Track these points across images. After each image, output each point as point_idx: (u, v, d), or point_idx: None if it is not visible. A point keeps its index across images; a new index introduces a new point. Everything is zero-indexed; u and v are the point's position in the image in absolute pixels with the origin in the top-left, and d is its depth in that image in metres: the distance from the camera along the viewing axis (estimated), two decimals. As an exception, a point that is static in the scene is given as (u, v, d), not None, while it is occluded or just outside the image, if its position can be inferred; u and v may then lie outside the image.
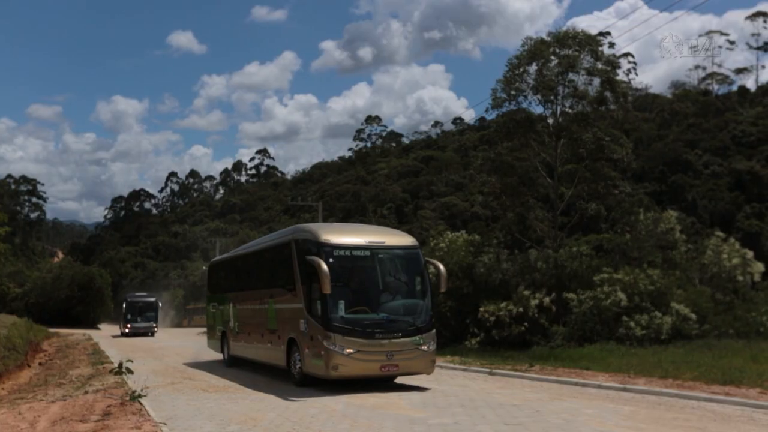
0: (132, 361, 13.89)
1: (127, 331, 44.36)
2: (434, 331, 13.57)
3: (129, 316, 44.87)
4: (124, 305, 46.02)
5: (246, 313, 17.57)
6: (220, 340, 19.91)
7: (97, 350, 26.33)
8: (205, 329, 58.49)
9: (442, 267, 14.06)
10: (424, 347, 13.05)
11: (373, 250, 13.32)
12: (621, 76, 34.67)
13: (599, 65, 24.34)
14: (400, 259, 13.75)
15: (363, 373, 12.79)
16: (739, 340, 19.08)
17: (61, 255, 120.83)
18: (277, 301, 14.91)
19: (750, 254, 23.86)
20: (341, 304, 12.61)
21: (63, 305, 64.11)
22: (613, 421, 9.65)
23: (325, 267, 12.20)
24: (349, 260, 13.04)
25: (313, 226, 14.50)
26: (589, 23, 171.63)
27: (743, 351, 16.87)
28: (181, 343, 33.93)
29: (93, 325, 64.30)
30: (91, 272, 69.28)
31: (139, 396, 11.05)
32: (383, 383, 13.52)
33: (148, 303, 47.06)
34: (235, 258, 20.29)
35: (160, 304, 50.38)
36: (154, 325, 45.57)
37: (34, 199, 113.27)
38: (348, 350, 12.40)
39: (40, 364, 22.42)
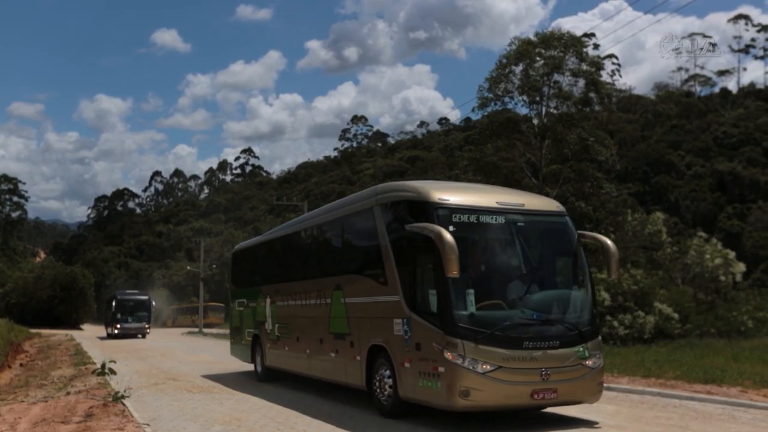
0: (115, 362, 13.77)
1: (116, 331, 40.90)
2: (600, 338, 9.55)
3: (119, 316, 41.36)
4: (113, 303, 42.39)
5: (293, 311, 13.42)
6: (251, 347, 15.78)
7: (79, 351, 26.07)
8: (189, 330, 58.31)
9: (609, 242, 9.64)
10: (590, 362, 8.89)
11: (509, 215, 9.09)
12: (605, 77, 34.88)
13: (584, 66, 24.56)
14: (546, 230, 9.61)
15: (507, 403, 8.59)
16: (721, 340, 19.34)
17: (43, 255, 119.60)
18: (348, 293, 10.86)
19: (732, 254, 24.18)
20: (470, 296, 8.41)
21: (45, 305, 63.47)
22: (597, 419, 9.71)
23: (449, 237, 8.11)
24: (475, 230, 8.88)
25: (413, 183, 10.03)
26: (573, 24, 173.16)
27: (724, 350, 17.07)
28: (165, 344, 33.70)
29: (75, 325, 63.72)
30: (74, 272, 68.63)
31: (122, 397, 10.95)
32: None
33: (139, 301, 43.56)
34: (275, 240, 15.56)
35: (153, 303, 46.97)
36: (147, 325, 42.26)
37: (15, 198, 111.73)
38: (484, 366, 8.25)
39: (21, 365, 22.15)
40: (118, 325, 41.00)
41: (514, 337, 8.45)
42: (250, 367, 16.10)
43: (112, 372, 13.18)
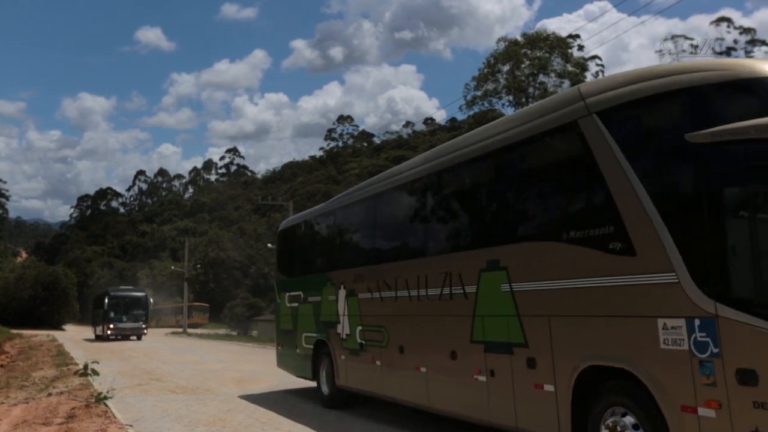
0: (98, 363, 13.64)
1: (108, 332, 37.16)
2: None
3: (112, 315, 37.49)
4: (105, 301, 38.36)
5: (391, 306, 8.83)
6: (311, 358, 11.47)
7: (61, 351, 25.82)
8: (174, 330, 57.69)
9: None
10: None
11: None
12: (589, 78, 35.13)
13: (569, 67, 24.76)
14: None
15: None
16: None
17: (24, 254, 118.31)
18: (521, 274, 6.45)
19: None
20: None
21: (26, 306, 62.84)
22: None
23: None
24: None
25: (700, 61, 5.48)
26: (558, 26, 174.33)
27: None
28: (149, 344, 33.46)
29: (57, 326, 63.17)
30: (56, 272, 68.03)
31: (105, 398, 10.85)
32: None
33: (135, 298, 39.62)
34: (358, 204, 10.52)
35: (151, 300, 42.83)
36: (144, 325, 38.62)
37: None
38: None
39: (1, 366, 21.86)
40: (111, 326, 37.43)
41: None
42: (292, 380, 13.22)
43: (95, 373, 13.06)
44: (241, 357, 23.80)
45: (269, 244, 57.37)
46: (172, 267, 75.23)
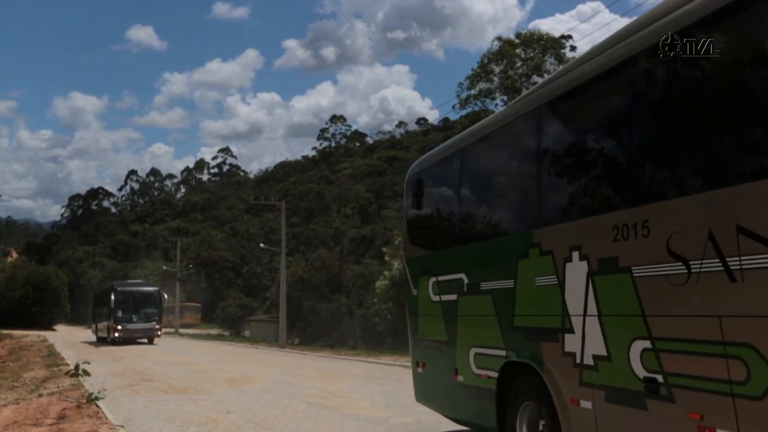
0: (89, 363, 13.56)
1: (117, 335, 31.72)
2: None
3: (120, 314, 31.70)
4: (111, 298, 32.28)
5: None
6: (496, 398, 5.91)
7: (52, 352, 25.68)
8: (165, 330, 57.41)
9: None
10: None
11: None
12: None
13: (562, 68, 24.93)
14: None
15: None
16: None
17: (15, 254, 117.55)
18: None
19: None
20: None
21: (17, 306, 62.44)
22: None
23: None
24: None
25: None
26: (551, 26, 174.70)
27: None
28: (142, 345, 33.28)
29: (48, 326, 62.83)
30: (47, 272, 67.66)
31: (96, 398, 10.78)
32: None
33: (146, 294, 33.82)
34: (622, 68, 4.37)
35: (165, 296, 36.29)
36: (157, 326, 32.79)
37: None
38: None
39: (-8, 366, 21.72)
40: (119, 326, 31.80)
41: None
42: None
43: (86, 373, 12.96)
44: (234, 357, 23.77)
45: (261, 244, 57.27)
46: (164, 267, 74.95)
